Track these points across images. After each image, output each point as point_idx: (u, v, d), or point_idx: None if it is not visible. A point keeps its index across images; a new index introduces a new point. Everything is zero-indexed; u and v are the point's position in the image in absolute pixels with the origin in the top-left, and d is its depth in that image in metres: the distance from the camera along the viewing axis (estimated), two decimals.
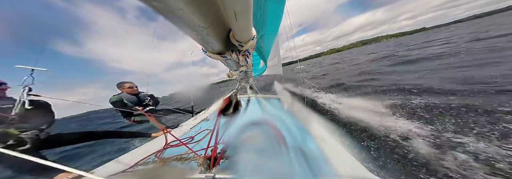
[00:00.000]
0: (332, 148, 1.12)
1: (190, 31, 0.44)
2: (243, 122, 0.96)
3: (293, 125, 1.53)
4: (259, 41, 1.16)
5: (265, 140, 1.26)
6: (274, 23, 1.26)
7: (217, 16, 0.45)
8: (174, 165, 1.08)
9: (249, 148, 1.15)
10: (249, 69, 0.98)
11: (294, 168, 0.84)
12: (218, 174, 0.68)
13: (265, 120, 1.19)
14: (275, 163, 0.89)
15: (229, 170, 0.71)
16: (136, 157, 1.33)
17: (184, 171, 0.74)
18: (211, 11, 0.42)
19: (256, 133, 1.40)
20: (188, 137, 1.62)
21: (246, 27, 0.51)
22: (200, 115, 2.78)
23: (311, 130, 1.40)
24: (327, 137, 1.29)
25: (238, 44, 0.61)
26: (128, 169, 1.12)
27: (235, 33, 0.55)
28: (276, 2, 1.05)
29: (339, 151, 1.07)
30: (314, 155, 0.98)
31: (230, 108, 0.69)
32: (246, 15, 0.43)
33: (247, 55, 0.75)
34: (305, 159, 0.91)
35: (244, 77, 1.19)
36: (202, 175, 0.68)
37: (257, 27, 0.87)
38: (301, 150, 1.02)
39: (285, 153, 1.00)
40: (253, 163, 0.92)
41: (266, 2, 0.81)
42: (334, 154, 1.04)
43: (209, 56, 0.68)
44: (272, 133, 1.15)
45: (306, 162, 0.88)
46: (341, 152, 1.05)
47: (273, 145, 1.13)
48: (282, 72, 4.94)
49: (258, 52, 1.66)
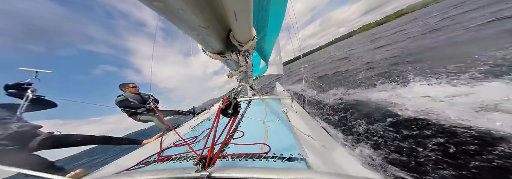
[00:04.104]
0: (330, 147, 1.12)
1: (190, 31, 0.45)
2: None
3: (289, 126, 1.53)
4: (260, 41, 1.16)
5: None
6: (276, 24, 1.26)
7: (217, 16, 0.46)
8: (174, 165, 1.09)
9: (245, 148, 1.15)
10: (249, 69, 0.98)
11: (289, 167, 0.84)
12: (214, 173, 0.68)
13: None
14: (268, 163, 0.90)
15: (225, 169, 0.71)
16: (139, 156, 1.34)
17: (181, 170, 0.74)
18: (211, 11, 0.42)
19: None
20: (191, 137, 1.63)
21: (246, 27, 0.51)
22: (201, 116, 2.78)
23: (307, 130, 1.40)
24: (324, 136, 1.29)
25: (238, 44, 0.61)
26: (131, 167, 1.13)
27: (235, 33, 0.56)
28: (278, 3, 1.06)
29: (338, 151, 1.07)
30: (310, 154, 0.98)
31: (230, 109, 0.70)
32: (246, 15, 0.43)
33: (247, 55, 0.75)
34: (302, 159, 0.91)
35: (244, 77, 1.19)
36: (198, 174, 0.68)
37: (259, 27, 0.88)
38: (298, 151, 1.02)
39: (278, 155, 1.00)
40: (247, 163, 0.92)
41: (268, 3, 0.81)
42: (333, 154, 1.04)
43: (209, 56, 0.68)
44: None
45: (303, 161, 0.88)
46: (340, 152, 1.05)
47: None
48: (282, 72, 4.94)
49: (259, 53, 1.66)
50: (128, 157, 1.41)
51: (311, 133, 1.35)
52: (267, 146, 1.12)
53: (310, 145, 1.14)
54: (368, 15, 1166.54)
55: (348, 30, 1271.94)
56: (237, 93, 0.85)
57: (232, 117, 0.71)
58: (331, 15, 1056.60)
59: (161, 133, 2.03)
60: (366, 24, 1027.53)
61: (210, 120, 2.35)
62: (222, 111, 0.70)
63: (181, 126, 2.31)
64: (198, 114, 3.11)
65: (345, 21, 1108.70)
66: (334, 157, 0.99)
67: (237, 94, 0.82)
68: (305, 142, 1.16)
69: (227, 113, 0.70)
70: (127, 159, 1.37)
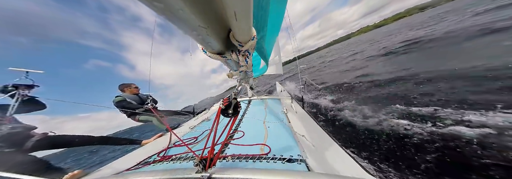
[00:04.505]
0: (329, 148, 1.12)
1: (190, 31, 0.44)
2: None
3: (289, 127, 1.53)
4: (260, 41, 1.16)
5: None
6: (276, 24, 1.26)
7: (217, 16, 0.45)
8: (174, 165, 1.09)
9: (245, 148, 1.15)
10: (249, 69, 0.98)
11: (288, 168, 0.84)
12: (214, 174, 0.68)
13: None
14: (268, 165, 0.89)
15: (226, 170, 0.71)
16: (139, 156, 1.34)
17: (181, 171, 0.74)
18: (211, 11, 0.42)
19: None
20: (191, 138, 1.63)
21: (246, 27, 0.51)
22: (201, 116, 2.78)
23: (307, 131, 1.40)
24: (324, 137, 1.29)
25: (238, 44, 0.61)
26: (131, 168, 1.13)
27: (235, 33, 0.56)
28: (278, 3, 1.05)
29: (338, 152, 1.07)
30: (310, 155, 0.98)
31: (230, 109, 0.69)
32: (246, 15, 0.43)
33: (247, 55, 0.75)
34: (301, 160, 0.91)
35: (244, 77, 1.19)
36: (198, 175, 0.68)
37: (258, 27, 0.88)
38: (297, 151, 1.02)
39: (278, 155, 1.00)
40: (248, 165, 0.92)
41: (267, 2, 0.81)
42: (333, 155, 1.03)
43: (209, 56, 0.68)
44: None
45: (302, 163, 0.88)
46: (340, 153, 1.05)
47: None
48: (282, 72, 4.94)
49: (259, 52, 1.66)
50: (128, 157, 1.41)
51: (311, 134, 1.35)
52: (267, 147, 1.12)
53: (310, 146, 1.14)
54: (367, 18, 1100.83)
55: (346, 32, 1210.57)
56: (237, 93, 0.85)
57: (232, 118, 0.71)
58: (330, 16, 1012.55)
59: (161, 133, 2.03)
60: (364, 26, 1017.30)
61: (210, 120, 2.35)
62: (222, 111, 0.69)
63: (180, 126, 2.31)
64: (198, 114, 3.11)
65: (344, 22, 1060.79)
66: (334, 159, 0.99)
67: (237, 94, 0.82)
68: (305, 143, 1.16)
69: (227, 113, 0.70)
70: (127, 159, 1.37)
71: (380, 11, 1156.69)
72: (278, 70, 4.76)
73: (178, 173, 0.73)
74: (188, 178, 0.70)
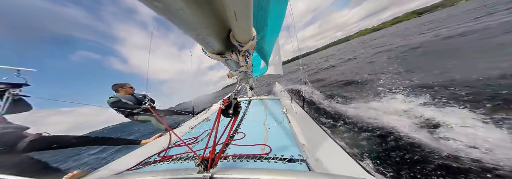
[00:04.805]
0: (330, 148, 1.12)
1: (190, 31, 0.44)
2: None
3: (289, 127, 1.53)
4: (260, 41, 1.16)
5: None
6: (276, 24, 1.26)
7: (217, 16, 0.45)
8: (175, 165, 1.09)
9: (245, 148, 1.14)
10: (249, 69, 0.98)
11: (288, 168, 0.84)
12: (216, 174, 0.68)
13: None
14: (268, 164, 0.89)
15: (227, 170, 0.71)
16: (139, 156, 1.34)
17: (183, 171, 0.74)
18: (211, 11, 0.42)
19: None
20: (191, 138, 1.62)
21: (246, 27, 0.51)
22: (201, 116, 2.78)
23: (307, 131, 1.40)
24: (324, 137, 1.29)
25: (238, 44, 0.61)
26: (132, 168, 1.13)
27: (235, 33, 0.55)
28: (278, 3, 1.05)
29: (338, 152, 1.06)
30: (310, 155, 0.98)
31: (230, 109, 0.69)
32: (246, 15, 0.43)
33: (247, 56, 0.75)
34: (301, 160, 0.91)
35: (244, 77, 1.19)
36: (200, 175, 0.68)
37: (258, 27, 0.87)
38: (296, 151, 1.02)
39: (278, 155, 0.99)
40: (249, 164, 0.92)
41: (267, 2, 0.81)
42: (333, 155, 1.03)
43: (209, 56, 0.68)
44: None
45: (302, 162, 0.88)
46: (340, 153, 1.05)
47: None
48: (282, 72, 4.94)
49: (259, 53, 1.66)
50: (128, 158, 1.41)
51: (311, 134, 1.35)
52: (267, 147, 1.12)
53: (310, 146, 1.14)
54: (366, 21, 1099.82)
55: (345, 34, 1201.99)
56: (237, 93, 0.84)
57: (233, 118, 0.71)
58: (331, 17, 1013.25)
59: (161, 133, 2.03)
60: (363, 29, 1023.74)
61: (210, 120, 2.35)
62: (223, 111, 0.69)
63: (180, 126, 2.31)
64: (198, 114, 3.11)
65: (344, 25, 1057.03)
66: (334, 158, 0.99)
67: (237, 94, 0.82)
68: (305, 143, 1.16)
69: (227, 113, 0.70)
70: (127, 159, 1.37)
71: (379, 14, 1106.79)
72: (278, 70, 4.75)
73: (180, 173, 0.73)
74: (190, 178, 0.70)
